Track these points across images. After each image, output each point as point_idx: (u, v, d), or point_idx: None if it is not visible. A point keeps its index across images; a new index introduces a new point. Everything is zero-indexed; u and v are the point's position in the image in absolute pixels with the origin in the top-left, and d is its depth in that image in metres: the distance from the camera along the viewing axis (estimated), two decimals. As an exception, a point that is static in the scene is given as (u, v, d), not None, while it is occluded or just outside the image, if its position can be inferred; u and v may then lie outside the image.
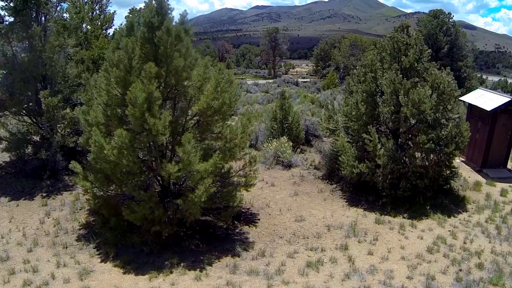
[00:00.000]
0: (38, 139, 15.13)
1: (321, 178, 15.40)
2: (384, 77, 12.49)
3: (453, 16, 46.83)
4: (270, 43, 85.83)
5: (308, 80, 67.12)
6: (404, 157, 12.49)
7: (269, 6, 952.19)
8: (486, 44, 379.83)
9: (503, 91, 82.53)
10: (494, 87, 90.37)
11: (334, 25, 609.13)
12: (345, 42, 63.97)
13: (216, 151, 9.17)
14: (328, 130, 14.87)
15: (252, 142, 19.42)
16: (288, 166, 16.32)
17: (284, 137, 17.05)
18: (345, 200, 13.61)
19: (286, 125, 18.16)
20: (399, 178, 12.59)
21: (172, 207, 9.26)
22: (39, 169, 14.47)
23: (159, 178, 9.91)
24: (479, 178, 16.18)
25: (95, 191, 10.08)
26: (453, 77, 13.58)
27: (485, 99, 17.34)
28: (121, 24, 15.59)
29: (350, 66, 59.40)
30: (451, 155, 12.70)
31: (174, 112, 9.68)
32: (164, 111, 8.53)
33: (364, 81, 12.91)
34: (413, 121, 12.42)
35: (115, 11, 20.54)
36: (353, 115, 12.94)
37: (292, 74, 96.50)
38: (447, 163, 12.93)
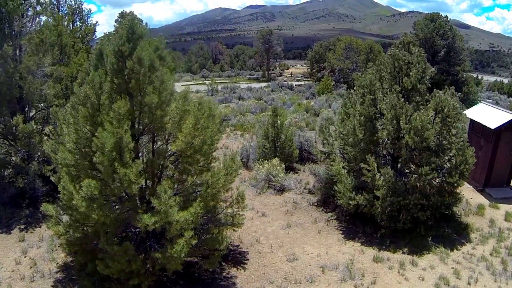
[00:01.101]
0: (18, 162, 14.17)
1: (315, 204, 14.44)
2: (384, 101, 11.53)
3: (449, 19, 45.93)
4: (264, 45, 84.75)
5: (303, 83, 66.11)
6: (405, 188, 11.56)
7: (263, 5, 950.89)
8: (480, 43, 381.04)
9: (499, 92, 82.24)
10: (490, 88, 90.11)
11: (328, 25, 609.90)
12: (340, 44, 62.93)
13: (197, 198, 8.13)
14: (323, 154, 13.89)
15: (243, 160, 18.47)
16: (281, 190, 15.36)
17: (276, 159, 16.08)
18: (341, 232, 12.65)
19: (279, 143, 17.20)
20: (399, 210, 11.65)
21: (151, 259, 8.26)
22: (17, 196, 13.50)
23: (134, 230, 8.91)
24: (482, 199, 15.31)
25: (69, 238, 9.08)
26: (457, 95, 12.69)
27: (488, 115, 16.47)
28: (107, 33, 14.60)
29: (345, 69, 58.53)
30: (455, 184, 11.80)
31: (153, 147, 8.72)
32: (137, 161, 7.50)
33: (362, 103, 11.93)
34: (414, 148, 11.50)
35: (96, 22, 19.45)
36: (350, 142, 12.00)
37: (286, 76, 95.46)
38: (450, 192, 12.01)
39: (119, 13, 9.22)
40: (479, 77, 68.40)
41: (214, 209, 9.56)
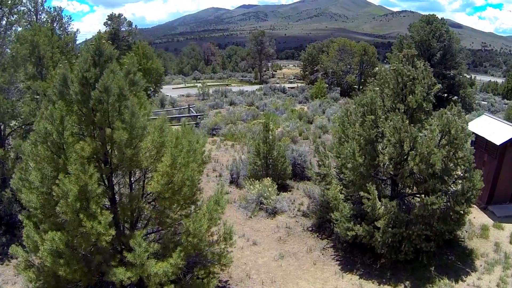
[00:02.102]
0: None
1: (310, 229, 13.44)
2: (387, 123, 10.54)
3: (446, 22, 45.12)
4: (256, 47, 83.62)
5: (296, 85, 65.11)
6: (408, 218, 10.61)
7: (256, 5, 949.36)
8: (472, 43, 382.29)
9: (493, 94, 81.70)
10: (484, 89, 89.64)
11: (321, 24, 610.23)
12: (334, 46, 61.96)
13: (178, 247, 7.08)
14: (318, 176, 12.85)
15: (233, 177, 17.49)
16: (273, 213, 14.34)
17: (268, 178, 15.07)
18: (338, 262, 11.67)
19: (271, 160, 16.20)
20: (400, 241, 10.70)
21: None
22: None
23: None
24: (485, 218, 14.45)
25: (41, 286, 8.00)
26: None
27: (492, 128, 15.61)
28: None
29: (339, 72, 57.60)
30: (462, 212, 10.88)
31: (131, 186, 7.72)
32: (105, 212, 6.43)
33: (362, 124, 10.92)
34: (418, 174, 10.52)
35: (78, 30, 18.38)
36: (349, 167, 11.01)
37: (279, 77, 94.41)
38: (456, 220, 11.08)
39: (108, 16, 8.20)
40: (473, 77, 67.59)
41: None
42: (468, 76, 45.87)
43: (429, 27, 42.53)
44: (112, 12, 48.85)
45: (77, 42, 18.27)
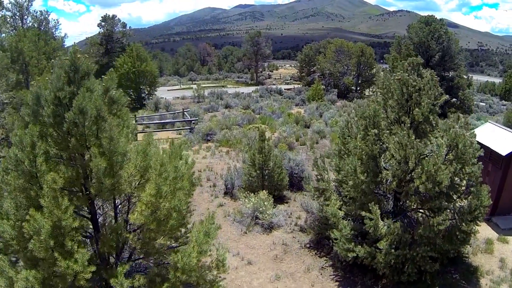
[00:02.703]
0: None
1: (308, 246, 12.79)
2: (391, 138, 9.88)
3: (445, 22, 44.55)
4: (252, 48, 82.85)
5: (292, 87, 64.45)
6: (412, 239, 10.00)
7: (252, 4, 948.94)
8: (469, 42, 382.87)
9: (491, 94, 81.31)
10: (481, 89, 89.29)
11: (317, 24, 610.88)
12: (331, 47, 61.28)
13: (165, 283, 6.42)
14: (316, 191, 12.20)
15: (227, 187, 16.86)
16: (269, 228, 13.70)
17: (264, 192, 14.42)
18: (337, 283, 10.99)
19: (267, 171, 15.56)
20: (404, 262, 10.08)
21: None
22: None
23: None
24: (489, 231, 13.90)
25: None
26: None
27: (497, 137, 15.03)
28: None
29: (336, 73, 56.95)
30: (469, 232, 10.28)
31: (116, 216, 7.08)
32: (81, 250, 5.77)
33: (364, 138, 10.27)
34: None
35: (65, 34, 17.68)
36: (350, 184, 10.38)
37: (275, 78, 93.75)
38: (463, 240, 10.46)
39: (102, 17, 7.52)
40: (470, 77, 66.90)
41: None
42: (466, 77, 45.21)
43: (428, 28, 41.90)
44: (106, 13, 48.13)
45: (76, 42, 17.51)
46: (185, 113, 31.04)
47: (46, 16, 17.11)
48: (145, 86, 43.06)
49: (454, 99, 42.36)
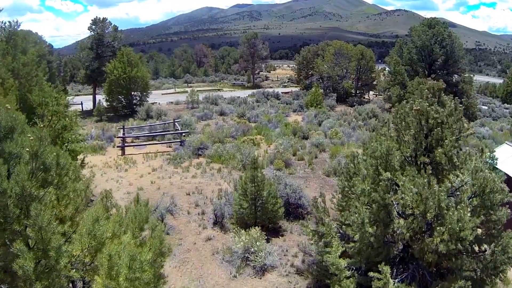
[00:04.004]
0: None
1: (306, 295, 11.02)
2: (407, 185, 8.02)
3: (448, 25, 42.76)
4: (249, 50, 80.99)
5: (290, 91, 62.59)
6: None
7: (250, 4, 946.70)
8: (466, 41, 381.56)
9: (492, 96, 79.69)
10: (482, 91, 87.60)
11: (315, 23, 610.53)
12: (329, 50, 59.35)
13: None
14: (315, 235, 10.38)
15: (217, 216, 15.05)
16: (262, 270, 11.88)
17: (256, 228, 12.59)
18: None
19: (260, 202, 13.74)
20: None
21: None
22: None
23: None
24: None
25: None
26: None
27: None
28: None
29: (335, 77, 55.14)
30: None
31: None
32: None
33: (374, 182, 8.46)
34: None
35: (50, 43, 15.81)
36: (357, 238, 8.58)
37: (272, 80, 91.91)
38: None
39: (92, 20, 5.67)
40: (473, 79, 65.08)
41: None
42: (470, 81, 43.40)
43: (431, 31, 40.03)
44: (96, 16, 46.18)
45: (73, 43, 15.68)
46: (176, 123, 29.20)
47: (16, 27, 15.17)
48: (136, 92, 41.17)
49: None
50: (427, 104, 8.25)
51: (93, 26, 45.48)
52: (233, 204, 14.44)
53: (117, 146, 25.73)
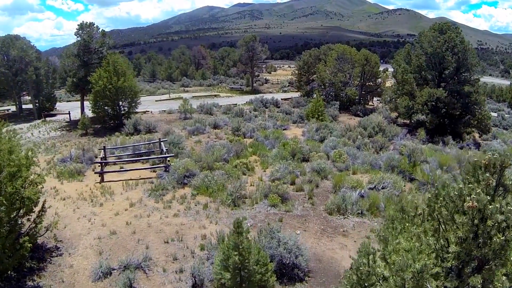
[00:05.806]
0: None
1: None
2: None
3: (461, 30, 39.61)
4: (247, 53, 77.88)
5: (290, 97, 59.54)
6: None
7: (251, 3, 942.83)
8: (468, 41, 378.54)
9: (498, 100, 76.62)
10: (488, 94, 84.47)
11: (316, 22, 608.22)
12: (332, 54, 56.10)
13: None
14: None
15: (196, 280, 12.19)
16: None
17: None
18: None
19: (245, 272, 10.81)
20: None
21: None
22: None
23: None
24: None
25: None
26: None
27: None
28: None
29: (338, 83, 51.97)
30: None
31: None
32: None
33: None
34: None
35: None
36: None
37: (272, 83, 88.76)
38: None
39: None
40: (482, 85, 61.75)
41: None
42: (484, 97, 40.27)
43: (443, 37, 36.83)
44: (83, 21, 43.07)
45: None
46: (161, 143, 26.26)
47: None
48: (124, 102, 38.14)
49: (468, 116, 37.64)
50: (488, 198, 5.26)
51: (80, 31, 42.43)
52: (213, 272, 11.50)
53: (95, 172, 22.84)
